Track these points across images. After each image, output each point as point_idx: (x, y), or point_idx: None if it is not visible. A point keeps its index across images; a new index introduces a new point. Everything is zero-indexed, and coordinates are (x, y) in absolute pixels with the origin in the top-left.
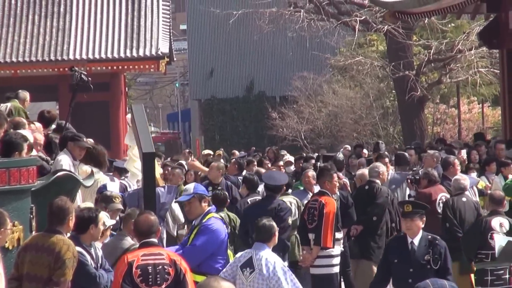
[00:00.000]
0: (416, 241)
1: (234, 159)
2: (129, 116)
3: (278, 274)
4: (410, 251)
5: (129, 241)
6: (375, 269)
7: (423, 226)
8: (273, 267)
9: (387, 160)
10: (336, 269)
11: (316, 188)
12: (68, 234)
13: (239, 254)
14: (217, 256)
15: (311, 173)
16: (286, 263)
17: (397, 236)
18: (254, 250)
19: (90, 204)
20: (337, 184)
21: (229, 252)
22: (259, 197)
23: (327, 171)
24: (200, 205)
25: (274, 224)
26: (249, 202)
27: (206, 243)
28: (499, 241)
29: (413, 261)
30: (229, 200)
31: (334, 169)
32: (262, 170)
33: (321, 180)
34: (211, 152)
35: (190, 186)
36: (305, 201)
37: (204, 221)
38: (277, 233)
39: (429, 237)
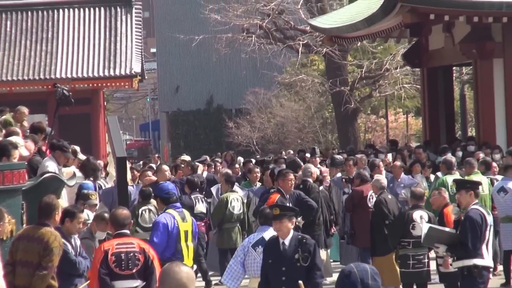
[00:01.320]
0: (287, 241)
1: (187, 162)
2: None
3: None
4: (281, 251)
5: (100, 235)
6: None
7: (292, 227)
8: None
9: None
10: None
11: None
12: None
13: (248, 237)
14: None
15: (260, 172)
16: None
17: (271, 238)
18: (261, 232)
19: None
20: (292, 183)
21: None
22: (200, 195)
23: (283, 171)
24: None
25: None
26: (192, 198)
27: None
28: (424, 228)
29: (285, 260)
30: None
31: (289, 171)
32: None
33: (278, 179)
34: (188, 158)
35: None
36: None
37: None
38: None
39: (299, 236)
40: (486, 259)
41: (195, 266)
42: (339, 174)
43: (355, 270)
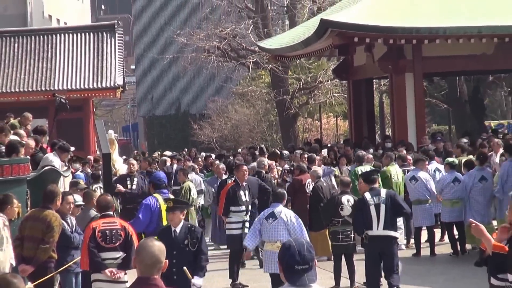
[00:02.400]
0: (178, 229)
1: (144, 158)
2: (110, 132)
3: (293, 220)
4: (173, 237)
5: (93, 212)
6: None
7: (183, 217)
8: (290, 216)
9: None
10: (237, 231)
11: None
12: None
13: (263, 211)
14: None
15: (222, 166)
16: None
17: (164, 226)
18: (273, 207)
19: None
20: (244, 173)
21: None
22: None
23: (237, 164)
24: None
25: (285, 191)
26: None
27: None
28: (347, 210)
29: (175, 245)
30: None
31: (243, 163)
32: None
33: (234, 171)
34: (169, 153)
35: None
36: (216, 185)
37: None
38: (286, 197)
39: (189, 225)
40: (374, 231)
41: None
42: (286, 166)
43: (294, 244)
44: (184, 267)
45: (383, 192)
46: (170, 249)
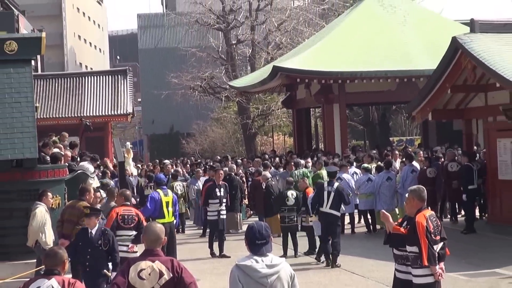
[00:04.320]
0: (93, 231)
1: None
2: (128, 144)
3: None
4: (89, 238)
5: (113, 204)
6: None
7: (97, 222)
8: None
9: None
10: (214, 217)
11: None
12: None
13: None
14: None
15: (200, 170)
16: None
17: (82, 228)
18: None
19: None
20: (220, 176)
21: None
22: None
23: (215, 168)
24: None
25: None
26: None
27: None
28: (291, 201)
29: (91, 244)
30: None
31: (220, 168)
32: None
33: (214, 173)
34: (168, 162)
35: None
36: (197, 184)
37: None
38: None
39: (102, 228)
40: (324, 208)
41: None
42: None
43: (255, 225)
44: (104, 270)
45: (335, 185)
46: (86, 247)
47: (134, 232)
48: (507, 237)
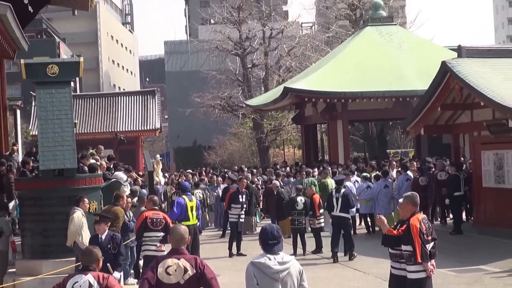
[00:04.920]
0: (103, 236)
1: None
2: (158, 156)
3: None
4: (100, 242)
5: (143, 209)
6: (251, 219)
7: (107, 228)
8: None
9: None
10: (235, 220)
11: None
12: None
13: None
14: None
15: (219, 179)
16: None
17: (93, 235)
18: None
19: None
20: (244, 184)
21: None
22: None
23: (240, 178)
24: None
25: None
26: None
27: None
28: (300, 206)
29: (101, 248)
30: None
31: (243, 177)
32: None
33: (238, 182)
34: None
35: None
36: (217, 191)
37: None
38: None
39: (111, 234)
40: (335, 212)
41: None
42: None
43: (268, 227)
44: (108, 264)
45: (342, 191)
46: None
47: (162, 233)
48: (491, 238)
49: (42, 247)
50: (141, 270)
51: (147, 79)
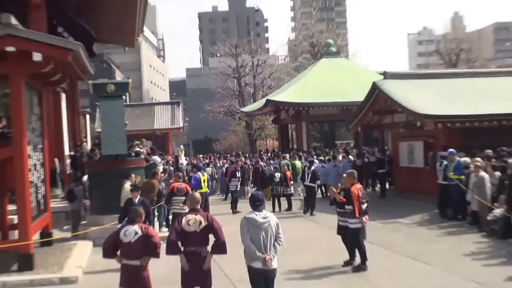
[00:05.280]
0: (136, 200)
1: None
2: (181, 146)
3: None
4: (133, 204)
5: (171, 181)
6: (245, 188)
7: (138, 194)
8: None
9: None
10: (234, 189)
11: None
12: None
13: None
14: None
15: (224, 160)
16: None
17: (129, 198)
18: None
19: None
20: (240, 164)
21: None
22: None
23: (236, 160)
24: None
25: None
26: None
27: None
28: (277, 179)
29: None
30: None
31: (239, 160)
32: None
33: (235, 163)
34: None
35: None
36: (220, 170)
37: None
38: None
39: (142, 198)
40: (306, 182)
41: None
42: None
43: (255, 193)
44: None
45: (312, 168)
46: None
47: (184, 197)
48: (405, 200)
49: (104, 207)
50: (170, 223)
51: (174, 94)
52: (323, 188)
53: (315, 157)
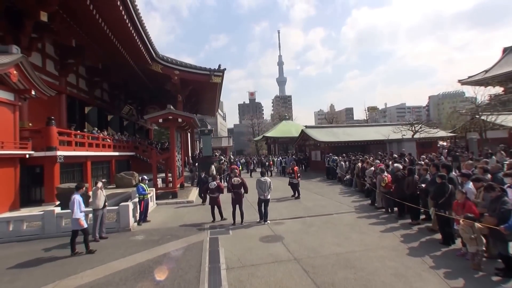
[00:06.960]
0: (202, 175)
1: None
2: (230, 153)
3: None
4: (202, 178)
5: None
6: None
7: (203, 173)
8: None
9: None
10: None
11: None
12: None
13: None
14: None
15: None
16: None
17: (201, 176)
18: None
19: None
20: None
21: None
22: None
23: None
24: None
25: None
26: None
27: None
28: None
29: (203, 180)
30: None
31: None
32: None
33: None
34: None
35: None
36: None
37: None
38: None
39: (204, 174)
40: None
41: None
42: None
43: (262, 171)
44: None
45: (280, 159)
46: (203, 184)
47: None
48: (314, 173)
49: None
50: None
51: (231, 136)
52: (284, 169)
53: (280, 157)
